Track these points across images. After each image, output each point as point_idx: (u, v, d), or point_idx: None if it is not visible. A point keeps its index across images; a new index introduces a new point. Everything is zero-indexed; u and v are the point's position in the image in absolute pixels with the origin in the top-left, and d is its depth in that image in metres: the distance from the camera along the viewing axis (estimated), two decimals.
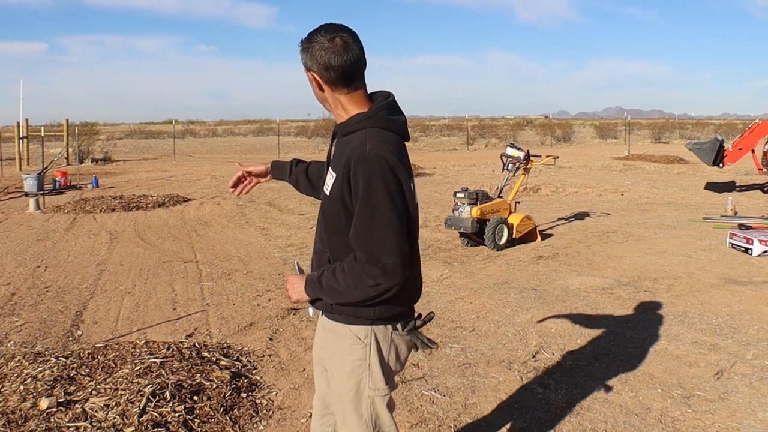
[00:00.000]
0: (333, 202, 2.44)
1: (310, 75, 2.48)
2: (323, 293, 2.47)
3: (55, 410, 4.08)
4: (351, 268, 2.36)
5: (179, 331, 6.13)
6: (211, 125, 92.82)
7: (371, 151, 2.32)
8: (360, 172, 2.29)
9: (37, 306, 6.92)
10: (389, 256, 2.31)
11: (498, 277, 8.10)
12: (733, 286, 7.51)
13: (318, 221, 2.62)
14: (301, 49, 2.47)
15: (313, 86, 2.52)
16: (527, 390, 4.76)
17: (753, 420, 4.27)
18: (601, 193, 16.78)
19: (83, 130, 32.50)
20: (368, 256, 2.31)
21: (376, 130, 2.41)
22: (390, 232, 2.31)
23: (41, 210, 14.26)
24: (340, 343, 2.55)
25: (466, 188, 10.04)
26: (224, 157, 35.34)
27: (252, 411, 4.39)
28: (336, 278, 2.40)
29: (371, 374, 2.53)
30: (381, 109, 2.45)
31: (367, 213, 2.30)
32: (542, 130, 54.61)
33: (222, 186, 19.15)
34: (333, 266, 2.44)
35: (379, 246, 2.30)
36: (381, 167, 2.30)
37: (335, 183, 2.42)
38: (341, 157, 2.42)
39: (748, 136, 16.69)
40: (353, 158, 2.32)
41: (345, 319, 2.51)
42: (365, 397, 2.55)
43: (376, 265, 2.30)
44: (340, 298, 2.44)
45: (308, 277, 2.54)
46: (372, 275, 2.31)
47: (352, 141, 2.41)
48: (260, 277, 8.18)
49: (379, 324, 2.51)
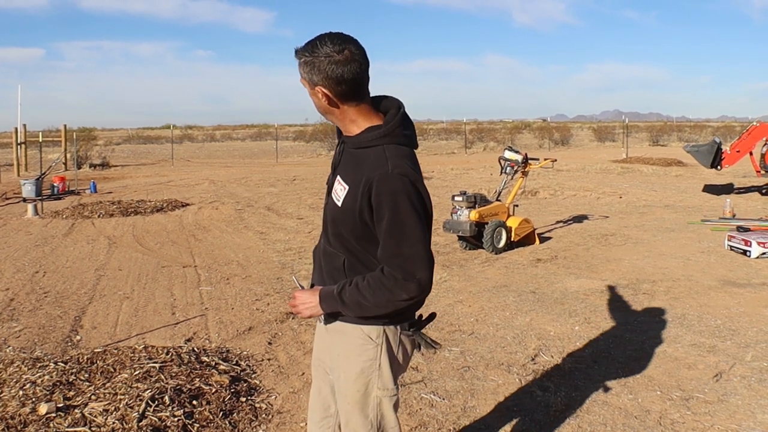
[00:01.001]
0: (346, 214, 2.42)
1: (317, 90, 2.40)
2: (344, 307, 2.45)
3: (54, 415, 4.08)
4: (381, 285, 2.36)
5: (178, 335, 6.12)
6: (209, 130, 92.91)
7: (394, 170, 2.32)
8: (384, 192, 2.30)
9: (35, 311, 6.92)
10: (422, 271, 2.34)
11: (497, 280, 8.10)
12: (732, 288, 7.52)
13: (327, 225, 2.58)
14: (302, 61, 2.38)
15: (318, 100, 2.44)
16: (526, 393, 4.76)
17: (752, 422, 4.28)
18: (600, 196, 16.79)
19: (81, 136, 32.47)
20: (404, 273, 2.33)
21: (393, 147, 2.40)
22: (419, 247, 2.34)
23: (39, 215, 14.25)
24: (350, 344, 2.54)
25: (465, 192, 10.04)
26: (222, 161, 35.35)
27: (251, 415, 4.39)
28: (362, 294, 2.39)
29: (381, 374, 2.54)
30: (396, 126, 2.44)
31: (396, 231, 2.32)
32: (540, 134, 54.68)
33: (220, 191, 19.15)
34: (354, 281, 2.44)
35: (411, 262, 2.33)
36: (405, 185, 2.31)
37: (349, 196, 2.40)
38: (356, 172, 2.40)
39: (745, 139, 16.72)
40: (375, 178, 2.31)
41: (356, 319, 2.51)
42: (372, 398, 2.55)
43: (412, 281, 2.33)
44: (366, 312, 2.44)
45: (321, 292, 2.52)
46: (407, 291, 2.34)
47: (368, 157, 2.39)
48: (259, 282, 8.18)
49: (390, 324, 2.53)
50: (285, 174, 24.14)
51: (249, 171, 26.60)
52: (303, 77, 2.42)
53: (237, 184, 21.09)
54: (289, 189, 19.33)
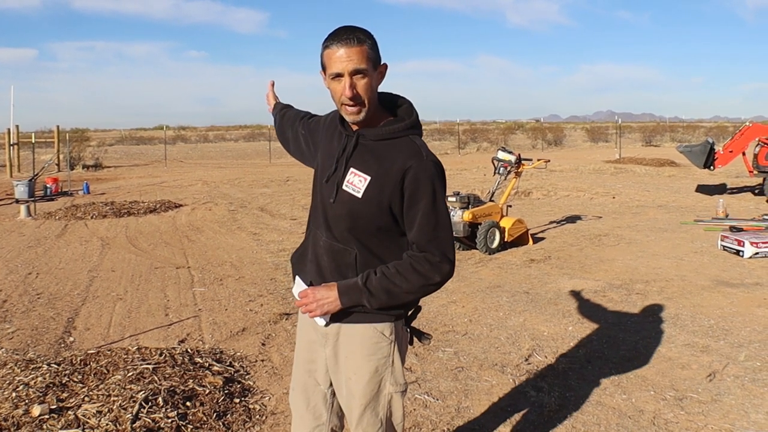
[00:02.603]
0: (369, 205, 2.43)
1: (382, 67, 2.47)
2: (371, 298, 2.45)
3: (47, 417, 4.07)
4: (413, 269, 2.44)
5: (171, 336, 6.11)
6: (203, 131, 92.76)
7: (428, 157, 2.42)
8: (422, 178, 2.38)
9: (28, 313, 6.89)
10: (453, 253, 2.52)
11: (490, 280, 8.11)
12: (725, 288, 7.54)
13: (335, 220, 2.54)
14: (371, 43, 2.38)
15: (376, 81, 2.45)
16: (520, 393, 4.76)
17: (746, 421, 4.29)
18: (593, 197, 16.82)
19: (74, 137, 32.40)
20: (441, 255, 2.46)
21: (420, 138, 2.50)
22: (450, 232, 2.51)
23: (32, 217, 14.20)
24: (363, 344, 2.54)
25: (458, 192, 10.04)
26: (215, 162, 35.30)
27: (245, 416, 4.38)
28: (391, 281, 2.43)
29: (394, 370, 2.57)
30: (418, 118, 2.54)
31: (433, 216, 2.42)
32: (533, 134, 54.70)
33: (213, 192, 19.12)
34: (378, 270, 2.46)
35: (446, 245, 2.48)
36: (439, 172, 2.43)
37: (372, 187, 2.41)
38: (380, 162, 2.43)
39: (738, 139, 16.78)
40: (413, 166, 2.38)
41: (369, 318, 2.52)
42: (384, 396, 2.58)
43: (447, 263, 2.47)
44: (393, 300, 2.47)
45: (340, 286, 2.49)
46: (441, 273, 2.47)
47: (396, 147, 2.44)
48: (252, 283, 8.17)
49: (399, 320, 2.57)
50: (278, 175, 24.12)
51: (242, 172, 26.56)
52: (371, 58, 2.40)
53: (230, 185, 21.06)
54: (282, 190, 19.32)
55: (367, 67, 2.37)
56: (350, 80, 2.36)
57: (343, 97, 2.38)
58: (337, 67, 2.36)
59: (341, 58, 2.35)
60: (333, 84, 2.42)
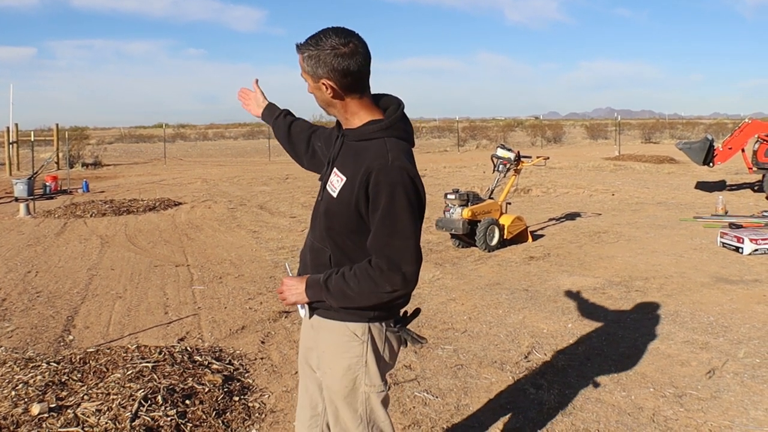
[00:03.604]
0: (341, 206, 2.44)
1: (323, 82, 2.42)
2: (329, 296, 2.47)
3: (46, 416, 4.07)
4: (367, 275, 2.39)
5: (171, 335, 6.11)
6: (202, 129, 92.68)
7: (393, 162, 2.36)
8: (383, 182, 2.33)
9: (28, 311, 6.89)
10: (409, 265, 2.38)
11: (489, 278, 8.11)
12: (725, 284, 7.54)
13: (316, 219, 2.60)
14: (307, 55, 2.41)
15: (321, 93, 2.47)
16: (519, 390, 4.76)
17: (745, 418, 4.29)
18: (592, 194, 16.82)
19: (73, 135, 32.40)
20: (390, 264, 2.36)
21: (394, 140, 2.45)
22: (410, 241, 2.38)
23: (32, 215, 14.20)
24: (336, 341, 2.56)
25: (457, 189, 10.04)
26: (215, 160, 35.28)
27: (244, 414, 4.38)
28: (347, 283, 2.42)
29: (368, 371, 2.56)
30: (397, 120, 2.50)
31: (389, 223, 2.35)
32: (533, 131, 54.72)
33: (213, 189, 19.11)
34: (341, 270, 2.46)
35: (400, 255, 2.37)
36: (403, 178, 2.36)
37: (345, 187, 2.42)
38: (355, 164, 2.43)
39: (738, 136, 16.77)
40: (375, 169, 2.34)
41: (341, 316, 2.52)
42: (361, 393, 2.57)
43: (397, 274, 2.36)
44: (349, 302, 2.45)
45: (309, 279, 2.54)
46: (391, 282, 2.37)
47: (369, 149, 2.42)
48: (252, 281, 8.17)
49: (375, 321, 2.54)
50: (278, 173, 24.11)
51: (241, 170, 26.56)
52: (305, 71, 2.45)
53: (229, 183, 21.05)
54: (281, 188, 19.30)
55: (303, 77, 2.48)
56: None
57: None
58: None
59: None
60: None
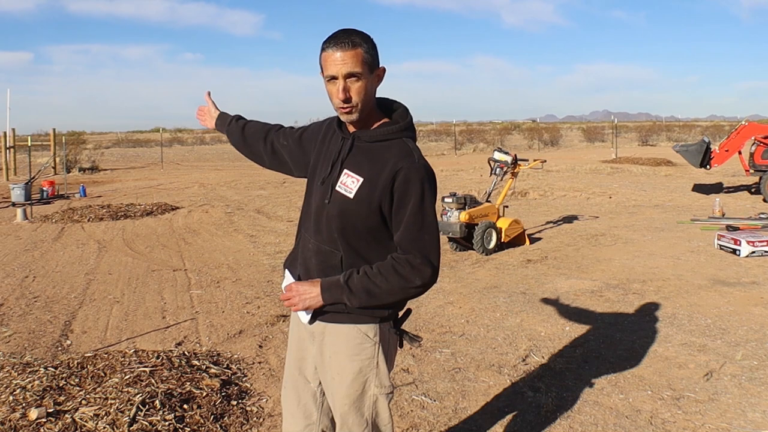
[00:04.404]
0: (360, 206, 2.46)
1: (381, 70, 2.50)
2: (351, 296, 2.47)
3: (44, 421, 4.06)
4: (394, 271, 2.44)
5: (168, 339, 6.10)
6: (199, 133, 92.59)
7: (419, 160, 2.45)
8: (412, 179, 2.40)
9: (25, 316, 6.88)
10: (437, 259, 2.49)
11: (487, 281, 8.11)
12: (722, 287, 7.55)
13: (321, 222, 2.57)
14: (368, 46, 2.42)
15: (374, 85, 2.50)
16: (517, 393, 4.77)
17: (743, 420, 4.29)
18: (589, 197, 16.84)
19: (70, 140, 32.35)
20: (422, 258, 2.44)
21: (412, 141, 2.52)
22: (436, 235, 2.49)
23: (29, 220, 14.19)
24: (347, 344, 2.55)
25: (455, 193, 10.05)
26: (212, 164, 35.28)
27: (242, 418, 4.38)
28: (372, 281, 2.44)
29: (378, 372, 2.57)
30: (412, 122, 2.57)
31: (420, 218, 2.42)
32: (530, 134, 54.76)
33: (210, 194, 19.11)
34: (361, 270, 2.48)
35: (429, 248, 2.46)
36: (429, 175, 2.45)
37: (365, 187, 2.45)
38: (373, 164, 2.46)
39: (734, 138, 16.81)
40: (404, 167, 2.41)
41: (353, 318, 2.53)
42: (369, 396, 2.57)
43: (428, 267, 2.45)
44: (374, 300, 2.47)
45: (323, 282, 2.52)
46: (422, 276, 2.45)
47: (390, 149, 2.47)
48: (249, 285, 8.16)
49: (385, 321, 2.57)
50: (275, 177, 24.08)
51: (239, 174, 26.55)
52: (365, 62, 2.42)
53: (227, 187, 21.05)
54: (279, 192, 19.30)
55: (361, 71, 2.40)
56: (344, 83, 2.41)
57: (336, 99, 2.43)
58: (332, 69, 2.41)
59: (336, 62, 2.39)
60: (329, 86, 2.46)
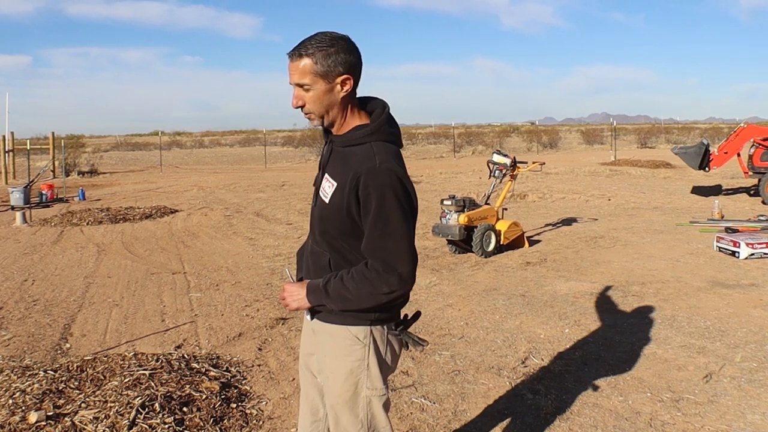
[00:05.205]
0: (333, 211, 2.46)
1: (342, 80, 2.42)
2: (329, 300, 2.48)
3: (44, 424, 4.06)
4: (364, 277, 2.41)
5: (168, 342, 6.10)
6: (198, 136, 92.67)
7: (381, 164, 2.37)
8: (371, 185, 2.34)
9: (24, 320, 6.88)
10: (404, 266, 2.39)
11: (486, 283, 8.11)
12: (721, 289, 7.55)
13: (314, 224, 2.62)
14: (322, 54, 2.37)
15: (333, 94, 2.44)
16: (517, 396, 4.77)
17: (742, 422, 4.29)
18: (588, 199, 16.84)
19: (69, 143, 32.39)
20: (385, 265, 2.37)
21: (381, 144, 2.46)
22: (403, 242, 2.39)
23: (28, 223, 14.19)
24: (338, 345, 2.56)
25: (453, 195, 10.05)
26: (211, 168, 35.29)
27: (242, 421, 4.38)
28: (345, 286, 2.43)
29: (369, 374, 2.56)
30: (383, 124, 2.50)
31: (380, 225, 2.36)
32: (529, 137, 54.81)
33: (209, 197, 19.11)
34: (339, 274, 2.48)
35: (394, 256, 2.38)
36: (391, 180, 2.36)
37: (336, 192, 2.45)
38: (344, 169, 2.44)
39: (733, 140, 16.82)
40: (363, 172, 2.36)
41: (343, 319, 2.53)
42: (362, 398, 2.57)
43: (393, 274, 2.38)
44: (349, 305, 2.46)
45: (309, 284, 2.55)
46: (388, 284, 2.38)
47: (356, 154, 2.44)
48: (249, 288, 8.16)
49: (377, 324, 2.55)
50: (274, 179, 24.12)
51: (238, 177, 26.56)
52: (316, 73, 2.40)
53: (226, 190, 21.05)
54: (278, 194, 19.30)
55: (309, 81, 2.40)
56: (295, 91, 2.45)
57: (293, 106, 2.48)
58: (289, 78, 2.46)
59: (288, 70, 2.44)
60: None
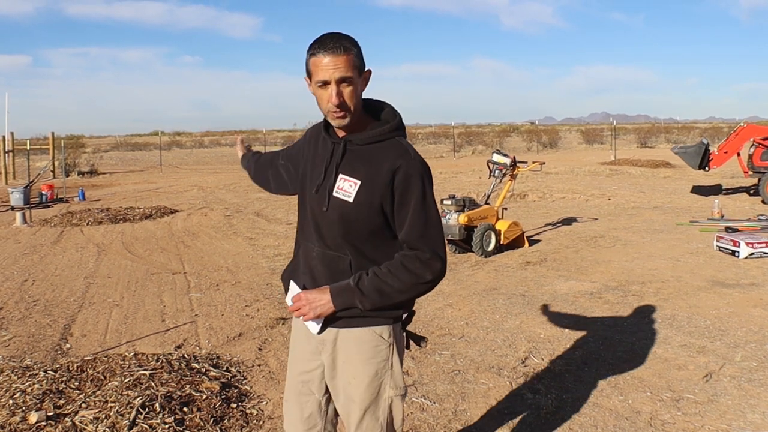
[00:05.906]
0: (361, 208, 2.44)
1: (367, 73, 2.48)
2: (363, 298, 2.45)
3: (44, 424, 4.06)
4: (404, 268, 2.45)
5: (168, 342, 6.10)
6: (198, 136, 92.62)
7: (416, 157, 2.47)
8: (413, 176, 2.43)
9: (25, 320, 6.88)
10: (444, 251, 2.52)
11: (486, 283, 8.11)
12: (721, 288, 7.55)
13: (323, 229, 2.54)
14: (356, 51, 2.40)
15: (362, 87, 2.47)
16: (517, 395, 4.77)
17: (742, 422, 4.29)
18: (588, 198, 16.84)
19: (69, 143, 32.39)
20: (432, 253, 2.46)
21: (405, 139, 2.55)
22: (440, 229, 2.52)
23: (28, 224, 14.19)
24: (362, 348, 2.54)
25: (453, 195, 10.05)
26: (211, 168, 35.29)
27: (242, 421, 4.38)
28: (383, 281, 2.44)
29: (393, 374, 2.57)
30: (401, 120, 2.57)
31: (423, 213, 2.44)
32: (528, 137, 54.78)
33: (209, 197, 19.10)
34: (370, 272, 2.47)
35: (438, 243, 2.49)
36: (427, 171, 2.49)
37: (364, 189, 2.44)
38: (369, 166, 2.45)
39: (733, 140, 16.82)
40: (402, 165, 2.42)
41: (367, 321, 2.52)
42: (384, 399, 2.57)
43: (437, 260, 2.48)
44: (385, 300, 2.46)
45: (333, 288, 2.49)
46: (432, 270, 2.47)
47: (383, 149, 2.47)
48: (249, 288, 8.16)
49: (398, 322, 2.58)
50: None
51: (238, 177, 26.54)
52: (355, 66, 2.41)
53: (226, 190, 21.05)
54: (277, 195, 19.27)
55: (352, 75, 2.38)
56: (337, 88, 2.38)
57: (330, 104, 2.40)
58: (323, 75, 2.37)
59: (327, 67, 2.36)
60: (319, 91, 2.42)
